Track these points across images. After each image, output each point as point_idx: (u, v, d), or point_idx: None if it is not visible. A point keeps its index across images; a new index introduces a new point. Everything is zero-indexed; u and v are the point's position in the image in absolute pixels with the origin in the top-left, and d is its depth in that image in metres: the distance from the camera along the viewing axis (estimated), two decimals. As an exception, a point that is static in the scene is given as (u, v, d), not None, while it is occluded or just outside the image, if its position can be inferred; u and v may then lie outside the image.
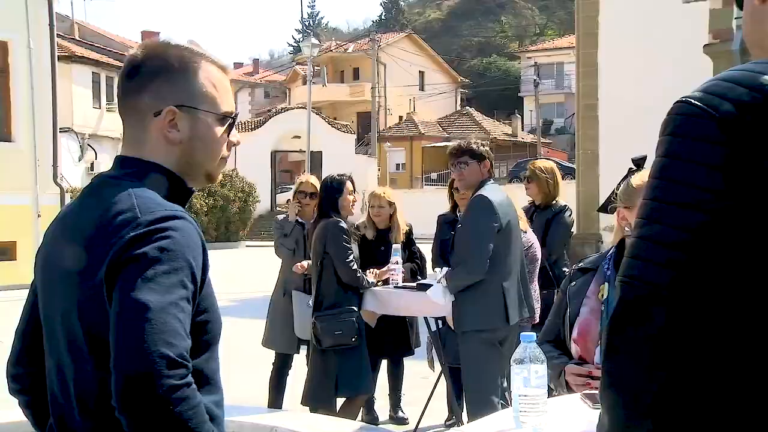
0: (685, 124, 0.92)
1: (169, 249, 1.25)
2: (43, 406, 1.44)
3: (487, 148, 4.15)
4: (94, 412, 1.30)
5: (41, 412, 1.46)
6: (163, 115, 1.38)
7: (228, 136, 1.45)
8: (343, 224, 4.56)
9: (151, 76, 1.39)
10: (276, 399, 5.27)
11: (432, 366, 5.04)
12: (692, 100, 0.93)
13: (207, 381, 1.33)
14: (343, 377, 4.48)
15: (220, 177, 1.54)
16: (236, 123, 1.49)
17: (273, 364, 5.34)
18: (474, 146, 4.07)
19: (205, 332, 1.33)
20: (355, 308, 4.51)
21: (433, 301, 4.28)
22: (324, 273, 4.59)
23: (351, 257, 4.53)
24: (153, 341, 1.18)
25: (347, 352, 4.48)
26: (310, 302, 4.84)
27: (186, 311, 1.24)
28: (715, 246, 0.88)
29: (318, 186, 5.07)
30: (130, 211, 1.28)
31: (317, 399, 4.58)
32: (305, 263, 5.02)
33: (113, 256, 1.25)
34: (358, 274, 4.57)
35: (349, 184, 4.68)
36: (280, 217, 5.55)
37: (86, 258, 1.29)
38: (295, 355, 5.29)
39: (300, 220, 5.29)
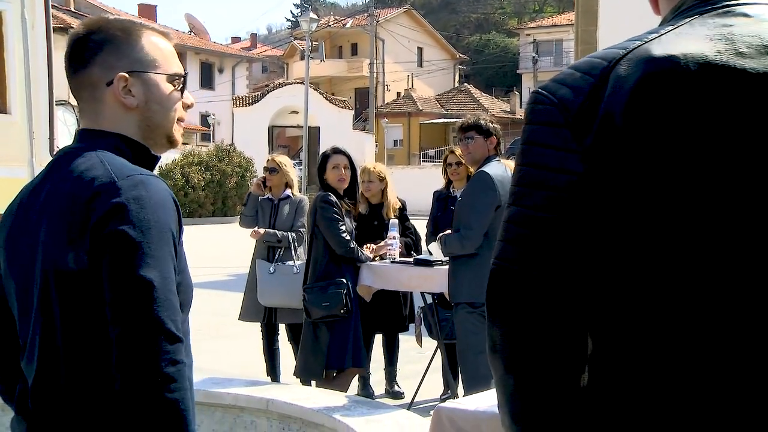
0: (534, 111, 1.00)
1: (156, 219, 1.28)
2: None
3: (496, 126, 4.24)
4: (69, 384, 1.33)
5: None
6: (116, 82, 1.42)
7: (181, 96, 1.50)
8: (331, 197, 4.58)
9: (97, 49, 1.43)
10: (272, 368, 5.34)
11: (420, 341, 5.07)
12: (539, 89, 1.01)
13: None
14: (333, 349, 4.51)
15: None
16: (186, 84, 1.53)
17: (261, 337, 5.38)
18: (482, 122, 4.17)
19: (178, 293, 1.36)
20: (344, 281, 4.52)
21: (428, 276, 4.30)
22: (314, 246, 4.62)
23: (342, 228, 4.53)
24: (160, 318, 1.24)
25: (337, 325, 4.50)
26: (272, 269, 4.93)
27: (174, 282, 1.30)
28: (562, 223, 0.95)
29: (279, 163, 5.32)
30: (105, 176, 1.31)
31: (308, 371, 4.62)
32: (260, 230, 5.17)
33: (98, 222, 1.27)
34: (351, 245, 4.57)
35: (335, 157, 4.68)
36: (261, 198, 5.58)
37: (66, 227, 1.31)
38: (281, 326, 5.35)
39: (270, 197, 5.36)
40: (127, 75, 1.42)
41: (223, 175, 24.04)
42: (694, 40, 0.95)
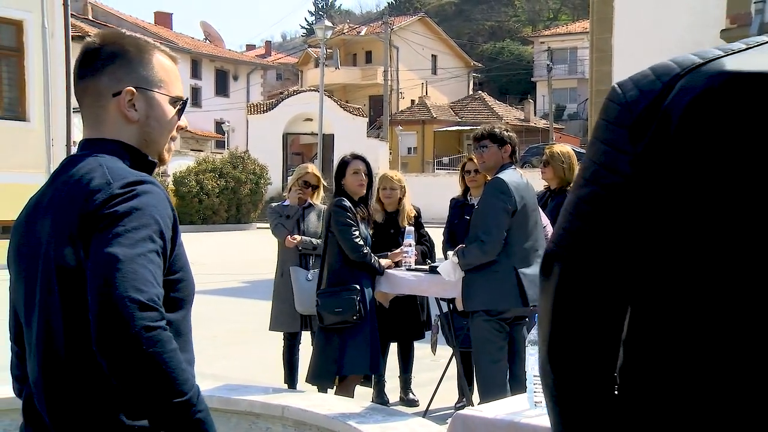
0: (605, 107, 1.02)
1: (138, 207, 1.34)
2: None
3: (511, 134, 4.22)
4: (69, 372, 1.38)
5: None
6: (123, 94, 1.49)
7: (179, 119, 1.57)
8: (346, 202, 4.58)
9: (109, 61, 1.50)
10: (290, 376, 5.34)
11: (434, 350, 5.07)
12: (617, 85, 1.02)
13: (180, 337, 1.40)
14: (345, 356, 4.50)
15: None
16: (185, 108, 1.60)
17: (282, 342, 5.39)
18: (496, 131, 4.17)
19: (178, 290, 1.42)
20: (358, 287, 4.51)
21: (444, 282, 4.29)
22: (329, 251, 4.61)
23: (355, 233, 4.52)
24: (123, 288, 1.26)
25: (350, 331, 4.49)
26: (309, 276, 4.91)
27: (155, 263, 1.32)
28: (611, 218, 0.98)
29: (320, 178, 5.35)
30: (102, 177, 1.38)
31: (319, 377, 4.61)
32: (297, 236, 5.16)
33: (87, 216, 1.35)
34: (364, 250, 4.55)
35: (355, 163, 4.68)
36: (274, 204, 5.70)
37: (66, 226, 1.38)
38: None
39: (295, 207, 5.41)
40: (134, 89, 1.49)
41: (237, 182, 24.12)
42: None
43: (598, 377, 1.01)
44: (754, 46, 0.97)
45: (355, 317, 4.44)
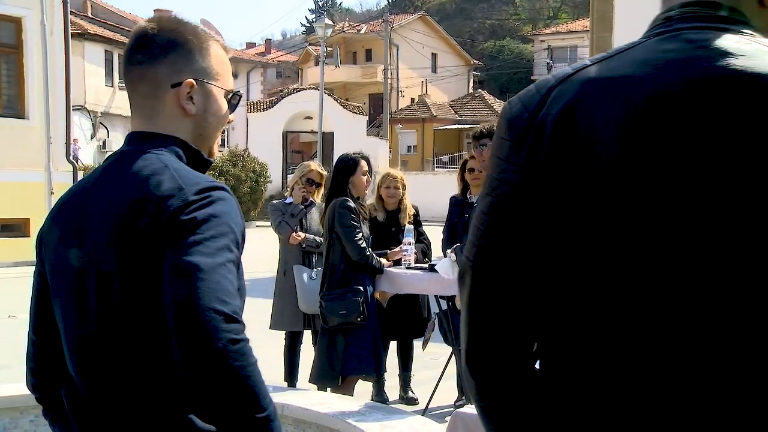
0: (498, 125, 1.10)
1: (215, 215, 1.28)
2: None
3: None
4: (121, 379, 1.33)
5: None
6: (183, 86, 1.42)
7: (231, 113, 1.50)
8: (351, 203, 4.57)
9: (167, 49, 1.42)
10: (290, 375, 5.34)
11: (424, 346, 5.07)
12: (507, 102, 1.10)
13: None
14: (349, 357, 4.50)
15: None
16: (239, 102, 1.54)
17: (284, 341, 5.39)
18: (495, 129, 4.14)
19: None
20: (362, 288, 4.51)
21: (443, 280, 4.29)
22: (332, 252, 4.60)
23: (358, 235, 4.53)
24: (208, 299, 1.21)
25: (353, 332, 4.49)
26: (313, 275, 4.90)
27: (233, 273, 1.27)
28: (508, 226, 1.04)
29: (323, 175, 5.25)
30: (171, 181, 1.31)
31: (323, 378, 4.61)
32: (301, 234, 5.13)
33: (162, 223, 1.27)
34: (367, 252, 4.56)
35: (363, 163, 4.68)
36: (276, 201, 5.68)
37: (129, 227, 1.30)
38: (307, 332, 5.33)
39: (298, 205, 5.38)
40: (194, 82, 1.42)
41: (237, 180, 24.11)
42: (629, 64, 1.01)
43: (517, 379, 1.05)
44: (614, 55, 1.04)
45: (359, 319, 4.45)
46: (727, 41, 0.98)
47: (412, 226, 5.00)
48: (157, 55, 1.41)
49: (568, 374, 1.02)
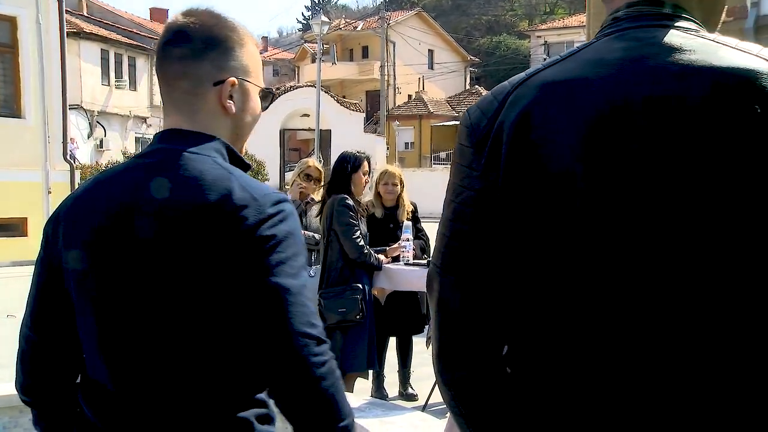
0: (458, 132, 1.11)
1: (292, 232, 1.29)
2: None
3: None
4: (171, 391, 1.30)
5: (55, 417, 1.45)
6: (226, 85, 1.38)
7: (263, 111, 1.48)
8: (349, 200, 4.57)
9: (213, 45, 1.38)
10: None
11: (428, 344, 5.07)
12: (467, 110, 1.12)
13: None
14: (347, 354, 4.50)
15: None
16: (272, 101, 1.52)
17: None
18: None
19: None
20: (360, 286, 4.51)
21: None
22: (330, 250, 4.61)
23: (357, 233, 4.53)
24: (298, 323, 1.23)
25: (352, 329, 4.50)
26: (312, 272, 4.90)
27: (311, 291, 1.30)
28: (472, 231, 1.05)
29: (322, 171, 5.21)
30: (241, 190, 1.27)
31: None
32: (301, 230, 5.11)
33: (239, 234, 1.24)
34: (365, 250, 4.56)
35: (365, 163, 4.69)
36: None
37: (192, 232, 1.25)
38: None
39: (296, 201, 5.37)
40: (236, 80, 1.38)
41: (234, 178, 24.08)
42: (581, 65, 1.03)
43: (488, 382, 1.07)
44: (567, 57, 1.07)
45: (358, 316, 4.45)
46: (673, 37, 1.01)
47: (410, 223, 5.00)
48: (200, 51, 1.36)
49: (536, 376, 1.04)
